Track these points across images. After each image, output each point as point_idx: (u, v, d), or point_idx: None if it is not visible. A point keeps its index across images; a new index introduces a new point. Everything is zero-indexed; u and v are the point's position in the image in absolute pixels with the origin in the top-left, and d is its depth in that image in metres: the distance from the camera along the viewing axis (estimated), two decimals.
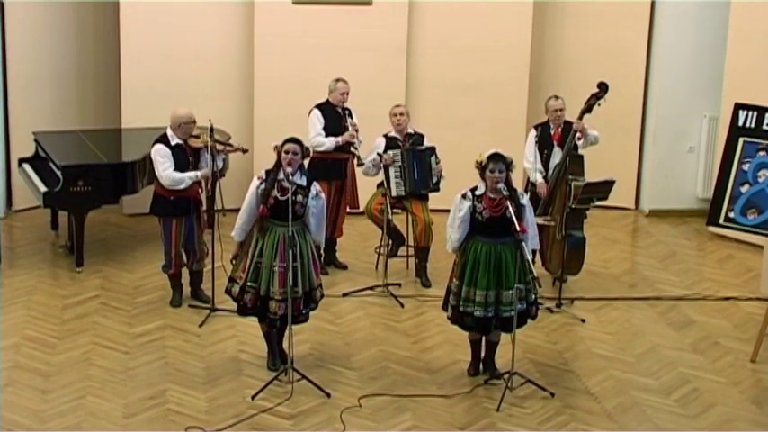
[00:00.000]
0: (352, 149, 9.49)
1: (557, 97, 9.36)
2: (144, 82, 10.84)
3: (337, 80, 9.56)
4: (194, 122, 8.71)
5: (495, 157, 7.44)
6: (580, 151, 9.21)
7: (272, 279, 7.52)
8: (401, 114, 9.47)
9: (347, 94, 9.54)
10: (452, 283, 7.66)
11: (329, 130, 9.48)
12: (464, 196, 7.53)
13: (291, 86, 10.80)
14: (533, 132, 9.44)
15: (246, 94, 11.17)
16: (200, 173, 8.66)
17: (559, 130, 9.30)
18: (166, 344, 8.27)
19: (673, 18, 11.29)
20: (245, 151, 9.04)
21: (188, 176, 8.64)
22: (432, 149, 9.48)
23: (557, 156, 9.25)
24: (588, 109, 9.13)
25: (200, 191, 8.77)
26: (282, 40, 10.95)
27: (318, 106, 9.57)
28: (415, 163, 9.39)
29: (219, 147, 8.78)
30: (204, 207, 9.08)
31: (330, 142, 9.48)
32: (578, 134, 9.09)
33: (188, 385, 7.62)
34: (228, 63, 11.19)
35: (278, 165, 7.60)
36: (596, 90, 9.11)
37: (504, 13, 11.18)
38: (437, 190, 9.49)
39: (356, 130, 9.48)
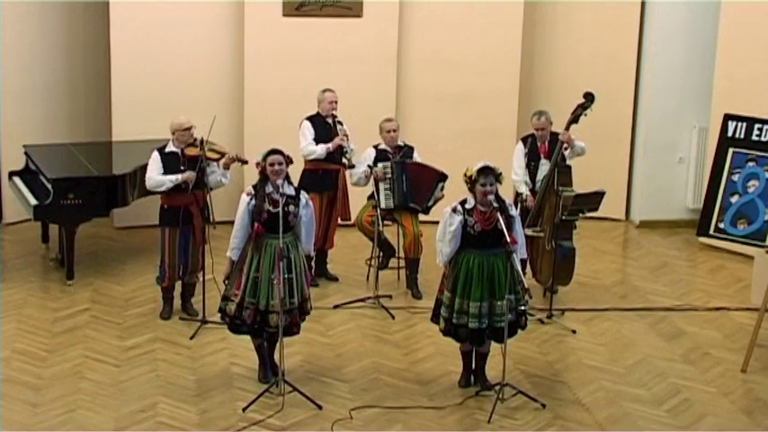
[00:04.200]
0: (343, 153, 9.49)
1: (539, 115, 9.30)
2: (134, 95, 10.84)
3: (324, 90, 9.59)
4: (188, 130, 8.71)
5: (485, 171, 7.44)
6: (568, 162, 9.21)
7: (271, 292, 7.49)
8: (395, 131, 9.48)
9: (336, 102, 9.56)
10: (443, 295, 7.65)
11: (320, 140, 9.50)
12: (454, 210, 7.51)
13: (282, 98, 10.80)
14: (521, 145, 9.44)
15: (237, 106, 11.16)
16: (180, 176, 8.64)
17: (546, 143, 9.30)
18: (157, 357, 8.26)
19: (662, 29, 11.31)
20: (244, 162, 9.01)
21: (168, 179, 8.65)
22: (443, 176, 9.45)
23: (544, 168, 9.24)
24: (575, 119, 9.12)
25: (195, 202, 8.73)
26: (273, 52, 10.96)
27: (309, 118, 9.59)
28: (404, 175, 9.40)
29: (213, 156, 8.77)
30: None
31: (321, 149, 9.48)
32: (565, 145, 9.10)
33: (179, 398, 7.61)
34: (219, 75, 11.19)
35: (264, 178, 7.59)
36: (582, 101, 9.12)
37: (494, 25, 11.20)
38: (426, 212, 9.50)
39: (346, 136, 9.49)
